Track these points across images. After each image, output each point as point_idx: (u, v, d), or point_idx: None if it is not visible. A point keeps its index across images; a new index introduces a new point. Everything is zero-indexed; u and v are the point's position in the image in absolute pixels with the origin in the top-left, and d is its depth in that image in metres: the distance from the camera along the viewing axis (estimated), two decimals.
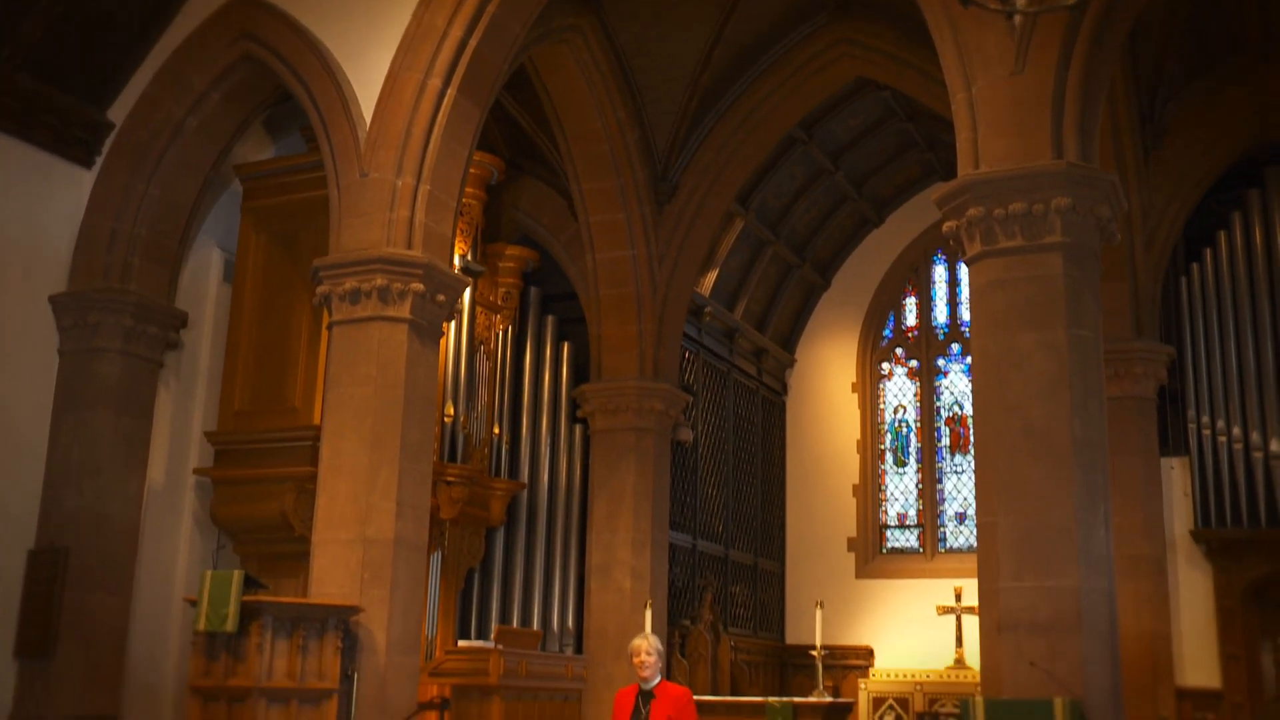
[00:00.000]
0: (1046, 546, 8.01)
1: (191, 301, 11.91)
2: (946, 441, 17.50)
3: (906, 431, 17.78)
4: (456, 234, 11.22)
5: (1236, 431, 14.40)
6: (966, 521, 17.02)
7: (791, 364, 18.31)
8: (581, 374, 14.29)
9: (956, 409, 17.48)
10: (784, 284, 17.55)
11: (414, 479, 9.88)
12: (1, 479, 10.62)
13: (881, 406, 17.95)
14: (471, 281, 12.12)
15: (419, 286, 9.95)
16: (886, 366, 18.03)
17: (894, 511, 17.61)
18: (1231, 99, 13.80)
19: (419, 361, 10.06)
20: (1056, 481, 8.08)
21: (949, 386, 17.64)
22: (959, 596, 14.98)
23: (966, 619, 14.81)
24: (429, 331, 10.22)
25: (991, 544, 8.22)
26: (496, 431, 13.14)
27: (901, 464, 17.71)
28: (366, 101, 10.41)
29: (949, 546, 17.14)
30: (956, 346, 17.62)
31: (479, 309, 13.11)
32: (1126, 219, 12.40)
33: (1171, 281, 14.86)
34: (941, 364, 17.75)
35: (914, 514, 17.49)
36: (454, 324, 12.19)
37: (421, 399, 10.08)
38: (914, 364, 17.89)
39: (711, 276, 15.81)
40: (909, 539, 17.45)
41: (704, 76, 13.55)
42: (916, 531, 17.41)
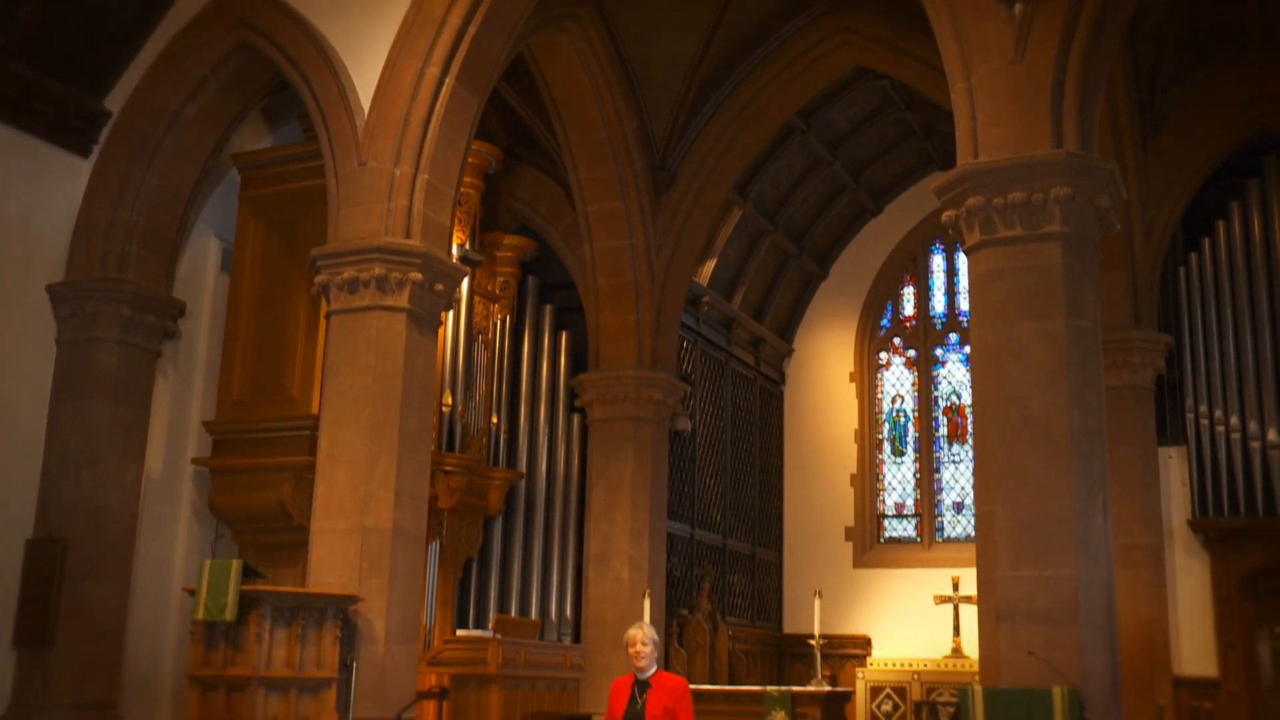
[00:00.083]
0: (1045, 536, 8.03)
1: (189, 291, 11.89)
2: (944, 431, 17.51)
3: (904, 421, 17.79)
4: (455, 223, 11.21)
5: (1234, 421, 14.41)
6: (964, 511, 17.05)
7: (789, 353, 18.31)
8: (579, 363, 14.29)
9: (954, 399, 17.49)
10: (782, 273, 17.54)
11: (412, 468, 9.88)
12: None
13: (879, 396, 17.96)
14: (470, 271, 12.11)
15: (417, 276, 9.94)
16: (884, 356, 18.04)
17: (891, 501, 17.63)
18: (1230, 89, 13.80)
19: (417, 351, 10.05)
20: (1055, 471, 8.10)
21: (947, 376, 17.65)
22: (956, 586, 15.00)
23: (964, 608, 14.82)
24: (427, 321, 10.21)
25: (990, 533, 8.24)
26: (495, 421, 13.14)
27: (899, 453, 17.72)
28: (364, 90, 10.39)
29: (946, 536, 17.17)
30: (954, 336, 17.63)
31: (477, 298, 13.10)
32: (1125, 208, 12.39)
33: (1170, 271, 14.86)
34: (939, 354, 17.75)
35: (911, 503, 17.51)
36: (452, 313, 12.17)
37: (420, 388, 10.08)
38: (912, 353, 17.90)
39: (709, 266, 15.80)
40: (906, 528, 17.47)
41: (702, 65, 13.53)
42: (914, 521, 17.43)
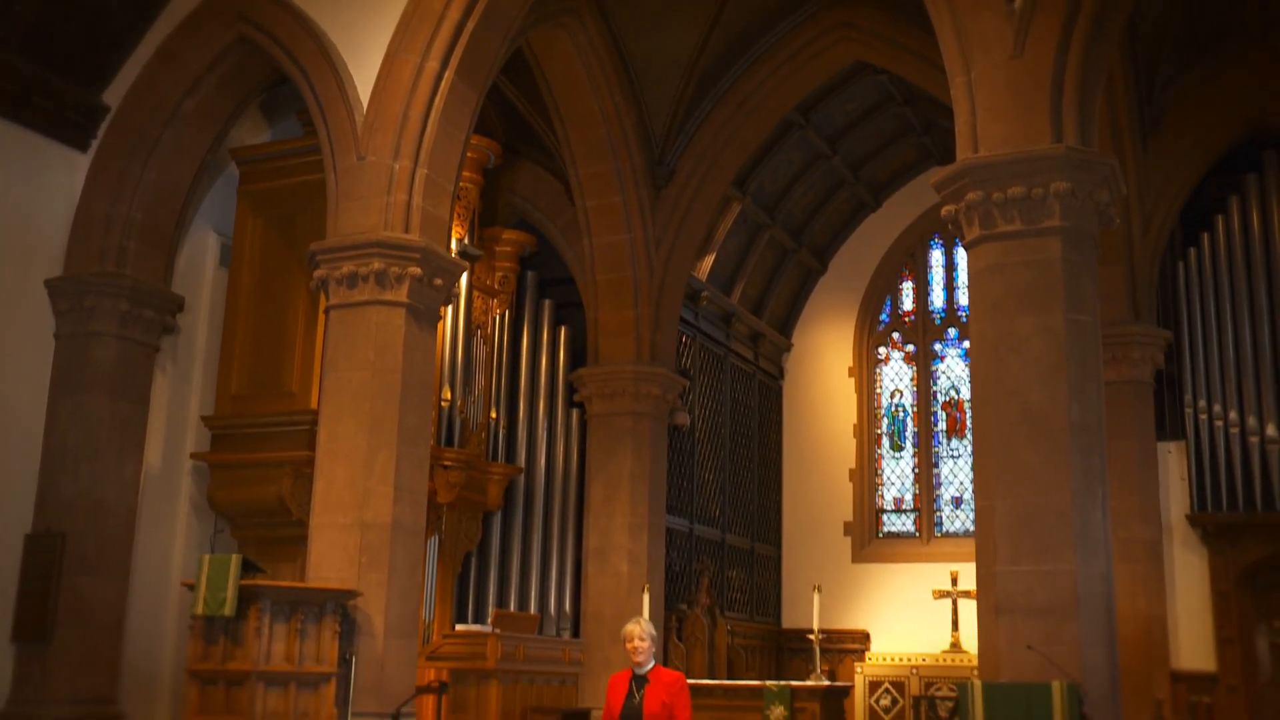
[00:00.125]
0: (1044, 530, 8.03)
1: (188, 286, 11.88)
2: (943, 426, 17.52)
3: (903, 416, 17.79)
4: (454, 218, 11.20)
5: (1233, 416, 14.42)
6: (963, 506, 17.06)
7: (788, 348, 18.31)
8: (578, 358, 14.29)
9: (953, 393, 17.50)
10: (781, 268, 17.54)
11: (411, 463, 9.88)
12: None
13: (878, 391, 17.96)
14: (469, 266, 12.10)
15: (416, 270, 9.93)
16: (883, 351, 18.04)
17: (890, 496, 17.64)
18: (1229, 83, 13.79)
19: (416, 345, 10.05)
20: (1054, 465, 8.10)
21: (945, 371, 17.65)
22: (955, 580, 15.02)
23: (962, 603, 14.84)
24: (426, 315, 10.21)
25: (989, 528, 8.24)
26: (494, 416, 13.14)
27: (898, 448, 17.73)
28: (363, 85, 10.37)
29: (945, 531, 17.18)
30: (953, 331, 17.63)
31: (476, 293, 13.10)
32: (1124, 203, 12.38)
33: (1169, 266, 14.86)
34: (938, 348, 17.76)
35: (910, 498, 17.52)
36: (451, 308, 12.17)
37: (419, 383, 10.07)
38: (910, 348, 17.90)
39: (708, 261, 15.80)
40: (905, 523, 17.48)
41: (701, 60, 13.52)
42: (913, 516, 17.44)
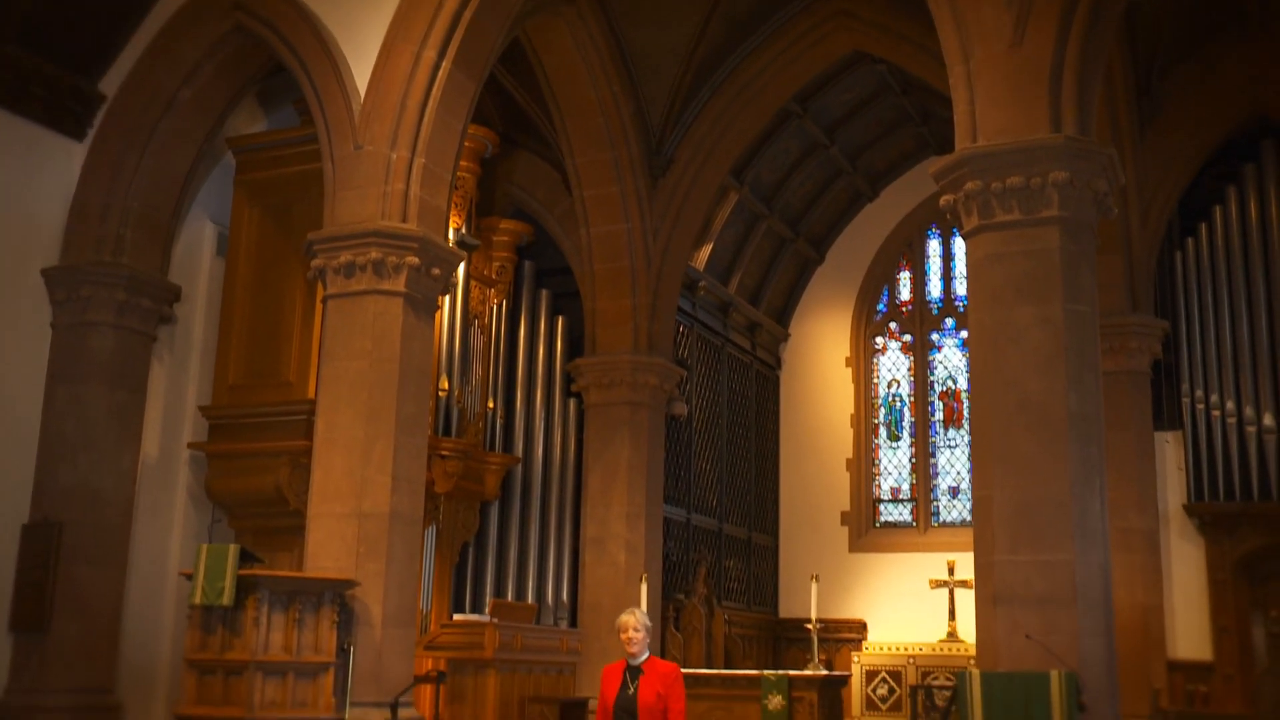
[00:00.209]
0: (1042, 520, 8.04)
1: (185, 275, 11.86)
2: (940, 416, 17.53)
3: (900, 406, 17.80)
4: (451, 208, 11.17)
5: (1230, 406, 14.44)
6: (959, 496, 17.09)
7: (785, 338, 18.31)
8: (576, 348, 14.29)
9: (950, 383, 17.51)
10: (778, 258, 17.53)
11: (409, 453, 9.87)
12: None
13: (875, 381, 17.97)
14: (466, 255, 12.08)
15: (414, 260, 9.91)
16: (880, 341, 18.05)
17: (887, 486, 17.65)
18: (1228, 74, 13.79)
19: (414, 335, 10.04)
20: (1052, 455, 8.10)
21: (943, 361, 17.66)
22: (952, 570, 15.04)
23: (959, 592, 14.87)
24: (424, 305, 10.19)
25: (987, 518, 8.24)
26: (491, 406, 13.13)
27: (895, 438, 17.74)
28: (361, 74, 10.34)
29: (942, 520, 17.21)
30: (950, 321, 17.64)
31: (473, 283, 13.08)
32: (1122, 193, 12.38)
33: (1166, 256, 14.87)
34: (935, 338, 17.76)
35: (907, 488, 17.53)
36: (448, 298, 12.15)
37: (417, 373, 10.06)
38: (908, 338, 17.90)
39: (706, 250, 15.78)
40: (902, 513, 17.49)
41: (699, 49, 13.49)
42: (910, 505, 17.46)
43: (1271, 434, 14.14)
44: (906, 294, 18.00)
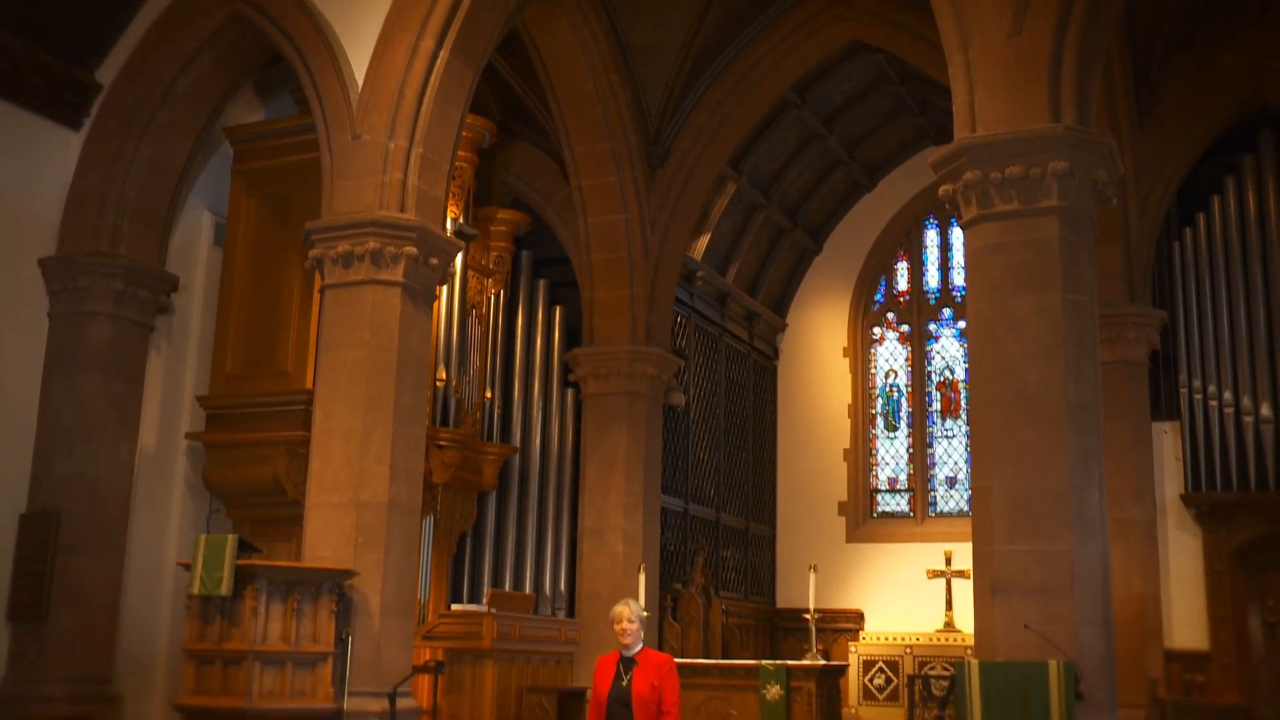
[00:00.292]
0: (1040, 510, 8.04)
1: (182, 265, 11.84)
2: (937, 406, 17.53)
3: (897, 396, 17.80)
4: (449, 197, 11.15)
5: (1227, 396, 14.44)
6: (957, 486, 17.10)
7: (783, 328, 18.30)
8: (573, 338, 14.28)
9: (947, 373, 17.51)
10: (776, 248, 17.51)
11: (407, 443, 9.86)
12: None
13: (872, 371, 17.97)
14: (464, 245, 12.06)
15: (412, 250, 9.89)
16: (878, 331, 18.04)
17: (884, 476, 17.67)
18: (1226, 64, 13.77)
19: (412, 325, 10.02)
20: (1051, 445, 8.11)
21: (940, 351, 17.66)
22: (949, 560, 15.06)
23: (956, 582, 14.90)
24: (422, 295, 10.18)
25: (986, 508, 8.25)
26: (488, 395, 13.12)
27: (892, 428, 17.75)
28: (358, 63, 10.31)
29: (939, 511, 17.22)
30: (948, 311, 17.65)
31: (471, 273, 13.06)
32: (1120, 183, 12.37)
33: (1164, 246, 14.86)
34: (933, 328, 17.77)
35: (904, 478, 17.55)
36: (446, 288, 12.13)
37: (414, 363, 10.05)
38: (905, 328, 17.90)
39: (703, 240, 15.77)
40: (899, 503, 17.51)
41: (697, 39, 13.46)
42: (907, 496, 17.47)
43: (1269, 424, 14.15)
44: (904, 284, 18.00)
